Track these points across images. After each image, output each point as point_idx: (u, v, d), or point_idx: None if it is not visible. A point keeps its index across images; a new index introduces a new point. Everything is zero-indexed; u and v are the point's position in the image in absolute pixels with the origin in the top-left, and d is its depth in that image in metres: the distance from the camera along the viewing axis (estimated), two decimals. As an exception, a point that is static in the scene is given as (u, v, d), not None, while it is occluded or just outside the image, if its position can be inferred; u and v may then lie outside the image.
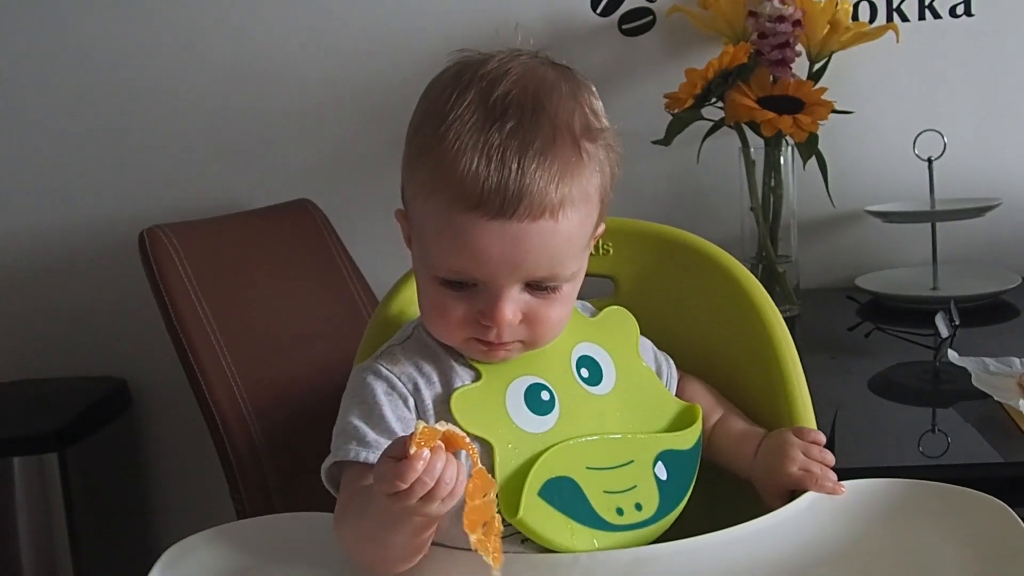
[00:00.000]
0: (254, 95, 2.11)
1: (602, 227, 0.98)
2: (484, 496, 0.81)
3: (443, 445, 0.79)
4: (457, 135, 0.86)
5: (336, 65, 2.09)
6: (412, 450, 0.76)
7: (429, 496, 0.77)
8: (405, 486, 0.77)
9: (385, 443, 0.86)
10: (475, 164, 0.85)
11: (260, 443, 1.64)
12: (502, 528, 0.83)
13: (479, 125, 0.87)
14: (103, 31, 2.11)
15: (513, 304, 0.89)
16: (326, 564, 0.90)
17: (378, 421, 0.91)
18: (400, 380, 0.94)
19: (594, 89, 0.95)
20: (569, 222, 0.88)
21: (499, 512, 0.84)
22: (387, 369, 0.95)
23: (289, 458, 1.67)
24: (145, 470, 2.23)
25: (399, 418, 0.92)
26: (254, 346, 1.72)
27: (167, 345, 1.72)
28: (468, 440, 0.81)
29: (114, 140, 2.15)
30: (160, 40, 2.11)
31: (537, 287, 0.91)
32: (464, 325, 0.91)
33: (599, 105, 0.94)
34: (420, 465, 0.77)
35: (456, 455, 0.80)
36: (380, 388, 0.93)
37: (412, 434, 0.77)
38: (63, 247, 2.18)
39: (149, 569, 0.89)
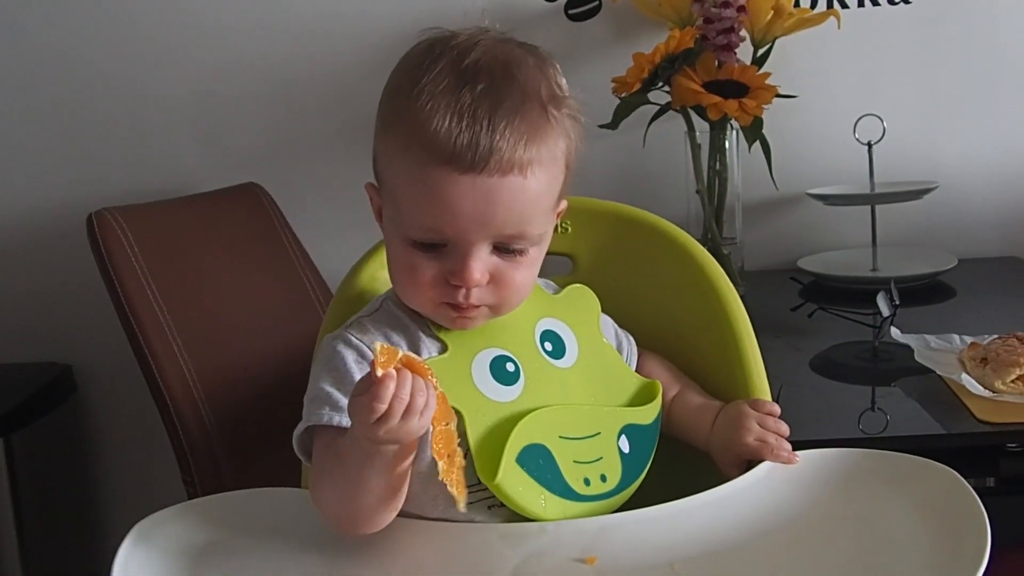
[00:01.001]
0: (202, 78, 2.09)
1: (565, 203, 1.01)
2: (446, 424, 0.84)
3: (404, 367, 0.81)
4: (430, 95, 0.90)
5: (285, 48, 2.08)
6: (379, 372, 0.78)
7: (408, 411, 0.80)
8: (384, 406, 0.79)
9: None
10: (448, 121, 0.88)
11: (212, 426, 1.64)
12: (463, 462, 0.85)
13: (451, 87, 0.90)
14: (47, 12, 2.08)
15: (481, 264, 0.92)
16: (298, 537, 0.91)
17: (349, 387, 0.91)
18: (369, 349, 0.95)
19: (558, 67, 0.98)
20: (537, 181, 0.91)
21: (467, 459, 0.87)
22: (356, 338, 0.96)
23: (241, 440, 1.67)
24: (91, 456, 2.21)
25: None
26: (204, 329, 1.72)
27: (112, 330, 1.71)
28: (426, 366, 0.83)
29: (59, 122, 2.12)
30: (106, 21, 2.08)
31: (505, 249, 0.93)
32: (434, 286, 0.93)
33: (563, 81, 0.98)
34: (392, 384, 0.79)
35: None
36: (351, 356, 0.94)
37: (374, 358, 0.79)
38: (4, 231, 2.15)
39: (96, 554, 0.89)
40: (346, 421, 0.88)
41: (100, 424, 2.21)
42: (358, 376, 0.92)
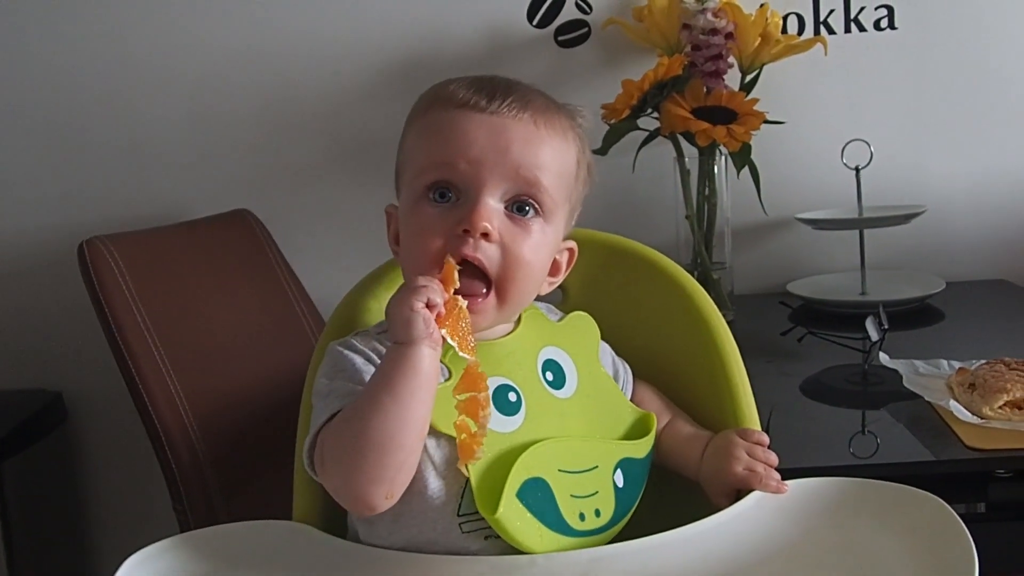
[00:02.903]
0: (193, 104, 2.10)
1: (573, 245, 1.08)
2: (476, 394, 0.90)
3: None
4: (454, 83, 0.99)
5: (277, 75, 2.09)
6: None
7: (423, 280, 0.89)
8: (424, 283, 0.88)
9: None
10: (467, 87, 0.98)
11: (203, 453, 1.64)
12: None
13: (474, 79, 1.00)
14: (38, 40, 2.09)
15: (491, 211, 0.95)
16: (289, 571, 0.91)
17: (359, 381, 0.93)
18: (374, 355, 0.96)
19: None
20: (550, 140, 0.98)
21: (465, 490, 0.91)
22: (361, 344, 0.97)
23: (232, 468, 1.67)
24: (82, 484, 2.21)
25: None
26: (195, 356, 1.72)
27: (103, 357, 1.70)
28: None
29: (49, 149, 2.12)
30: (97, 47, 2.09)
31: (515, 208, 0.96)
32: (443, 235, 0.95)
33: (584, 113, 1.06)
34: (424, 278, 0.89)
35: None
36: (358, 360, 0.96)
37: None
38: (-4, 258, 2.15)
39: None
40: None
41: (91, 451, 2.20)
42: (366, 375, 0.93)
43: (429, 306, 0.88)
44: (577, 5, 2.03)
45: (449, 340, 0.89)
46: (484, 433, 0.89)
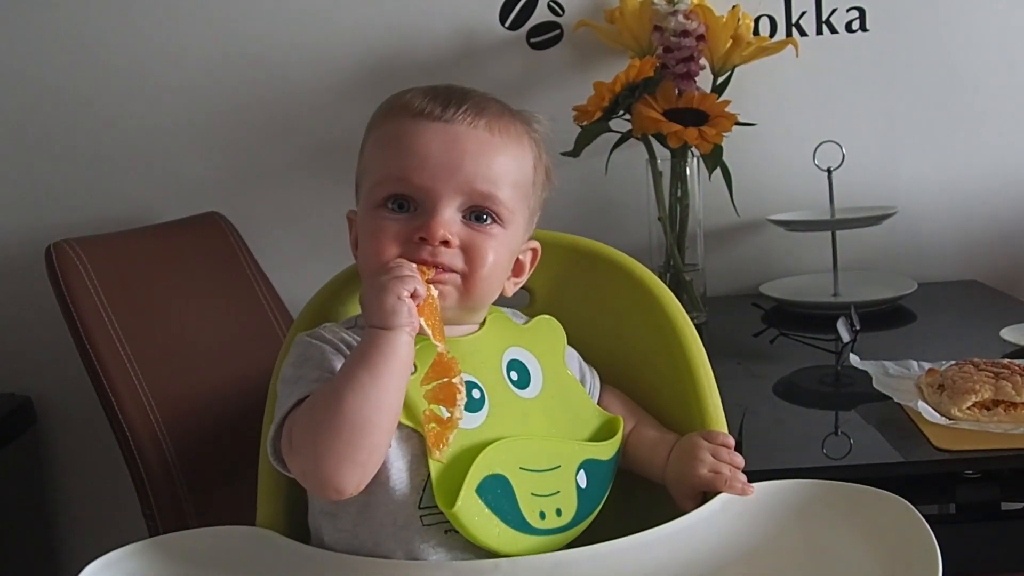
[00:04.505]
0: (161, 107, 2.09)
1: (536, 244, 1.08)
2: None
3: None
4: (410, 91, 1.00)
5: (246, 77, 2.07)
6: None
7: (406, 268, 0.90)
8: (409, 272, 0.90)
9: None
10: (422, 96, 0.99)
11: (172, 459, 1.63)
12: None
13: (429, 88, 1.00)
14: (3, 41, 2.07)
15: (449, 220, 0.95)
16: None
17: (327, 367, 0.94)
18: (342, 345, 0.96)
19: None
20: (505, 149, 0.98)
21: (427, 485, 0.92)
22: (329, 335, 0.98)
23: (202, 473, 1.66)
24: (50, 489, 2.19)
25: None
26: (164, 361, 1.71)
27: (73, 362, 1.69)
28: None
29: (16, 152, 2.10)
30: (63, 49, 2.07)
31: (473, 217, 0.97)
32: (400, 243, 0.95)
33: (541, 119, 1.07)
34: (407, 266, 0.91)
35: None
36: (327, 348, 0.96)
37: None
38: (-37, 262, 2.13)
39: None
40: None
41: (60, 456, 2.19)
42: (334, 361, 0.94)
43: (413, 296, 0.89)
44: (549, 7, 2.03)
45: (425, 328, 0.90)
46: (461, 416, 0.91)
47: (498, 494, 0.92)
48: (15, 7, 2.06)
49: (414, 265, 0.92)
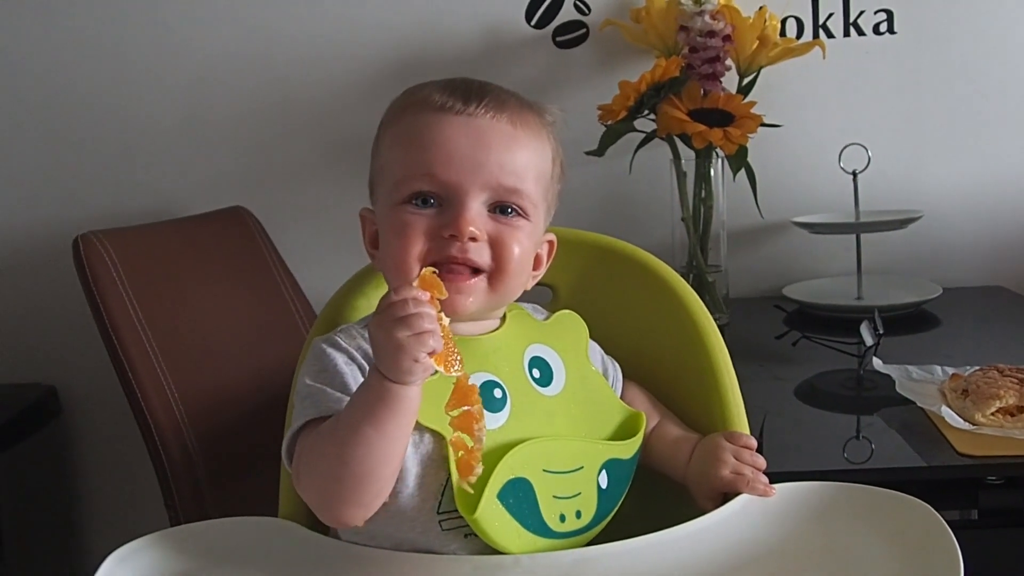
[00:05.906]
0: (188, 101, 2.10)
1: (553, 237, 1.06)
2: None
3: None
4: (424, 88, 0.99)
5: (273, 72, 2.08)
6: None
7: (426, 320, 0.83)
8: (405, 303, 0.83)
9: (347, 399, 0.89)
10: (440, 89, 0.98)
11: (194, 450, 1.64)
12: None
13: (446, 82, 0.99)
14: (32, 35, 2.09)
15: (476, 215, 0.94)
16: (274, 567, 0.91)
17: (340, 387, 0.92)
18: (357, 354, 0.95)
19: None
20: (527, 142, 0.98)
21: (446, 487, 0.90)
22: (345, 343, 0.96)
23: (224, 465, 1.67)
24: (74, 479, 2.20)
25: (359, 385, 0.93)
26: (188, 353, 1.71)
27: (98, 352, 1.70)
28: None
29: (45, 145, 2.12)
30: (92, 45, 2.09)
31: (499, 210, 0.96)
32: (427, 239, 0.94)
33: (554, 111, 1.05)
34: (409, 289, 0.84)
35: None
36: (340, 359, 0.95)
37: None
38: (-8, 252, 2.15)
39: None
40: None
41: (84, 446, 2.20)
42: (348, 377, 0.93)
43: (430, 353, 0.84)
44: (575, 6, 2.03)
45: (436, 367, 0.85)
46: (481, 447, 0.86)
47: (519, 498, 0.92)
48: (45, 7, 2.08)
49: (433, 313, 0.84)
